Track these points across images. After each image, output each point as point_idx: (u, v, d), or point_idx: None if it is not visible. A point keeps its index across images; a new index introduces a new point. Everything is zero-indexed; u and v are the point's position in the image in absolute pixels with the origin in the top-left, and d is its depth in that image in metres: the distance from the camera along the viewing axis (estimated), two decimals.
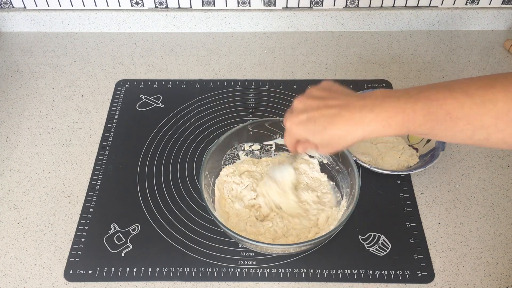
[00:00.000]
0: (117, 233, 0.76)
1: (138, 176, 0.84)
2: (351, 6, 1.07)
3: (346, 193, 0.75)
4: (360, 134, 0.51)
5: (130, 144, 0.89)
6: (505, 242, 0.75)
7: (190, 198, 0.81)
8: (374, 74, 1.01)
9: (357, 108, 0.51)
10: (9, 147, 0.89)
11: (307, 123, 0.55)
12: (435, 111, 0.48)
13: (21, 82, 1.01)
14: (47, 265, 0.73)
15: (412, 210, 0.78)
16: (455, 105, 0.47)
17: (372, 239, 0.75)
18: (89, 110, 0.95)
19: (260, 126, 0.81)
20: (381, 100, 0.50)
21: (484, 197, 0.80)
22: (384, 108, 0.49)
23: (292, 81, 1.00)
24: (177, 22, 1.10)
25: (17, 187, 0.83)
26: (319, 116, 0.53)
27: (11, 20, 1.10)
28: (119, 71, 1.03)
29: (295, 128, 0.56)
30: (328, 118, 0.52)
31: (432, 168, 0.84)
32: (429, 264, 0.72)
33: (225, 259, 0.73)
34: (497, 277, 0.71)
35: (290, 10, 1.08)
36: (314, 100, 0.55)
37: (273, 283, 0.71)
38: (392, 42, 1.08)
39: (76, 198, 0.81)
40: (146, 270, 0.72)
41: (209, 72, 1.02)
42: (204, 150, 0.87)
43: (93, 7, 1.08)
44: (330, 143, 0.54)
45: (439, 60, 1.04)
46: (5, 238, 0.76)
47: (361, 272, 0.71)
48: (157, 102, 0.96)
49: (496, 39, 1.08)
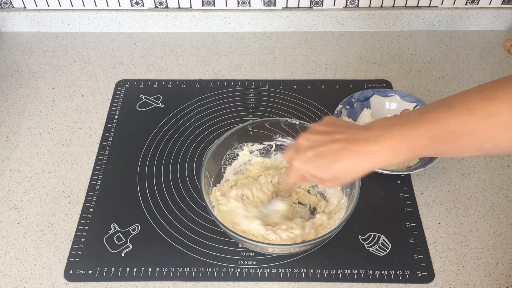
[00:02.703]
0: (117, 233, 0.76)
1: (138, 176, 0.84)
2: (351, 6, 1.07)
3: (346, 193, 0.75)
4: (369, 166, 0.52)
5: (130, 144, 0.89)
6: (505, 242, 0.75)
7: (190, 198, 0.81)
8: (374, 74, 1.01)
9: (362, 141, 0.52)
10: (9, 147, 0.89)
11: (315, 159, 0.55)
12: (439, 133, 0.47)
13: (21, 82, 1.01)
14: (47, 265, 0.73)
15: (412, 210, 0.78)
16: (458, 124, 0.46)
17: (372, 239, 0.75)
18: (89, 110, 0.95)
19: (260, 126, 0.81)
20: (384, 130, 0.51)
21: (484, 197, 0.80)
22: (388, 138, 0.50)
23: (292, 81, 1.00)
24: (177, 22, 1.10)
25: (17, 187, 0.83)
26: (326, 152, 0.54)
27: (11, 20, 1.10)
28: (119, 71, 1.03)
29: (303, 165, 0.57)
30: (336, 153, 0.53)
31: (432, 168, 0.84)
32: (429, 264, 0.72)
33: (225, 259, 0.73)
34: (497, 277, 0.71)
35: (290, 10, 1.08)
36: (319, 136, 0.56)
37: (273, 283, 0.71)
38: (392, 42, 1.08)
39: (76, 198, 0.81)
40: (146, 270, 0.72)
41: (209, 72, 1.02)
42: (204, 150, 0.87)
43: (93, 7, 1.08)
44: (338, 177, 0.55)
45: (439, 60, 1.04)
46: (5, 238, 0.76)
47: (361, 272, 0.71)
48: (157, 102, 0.96)
49: (496, 39, 1.08)
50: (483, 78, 0.99)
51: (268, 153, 0.84)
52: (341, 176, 0.55)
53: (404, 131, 0.49)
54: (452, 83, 0.99)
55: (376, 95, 0.91)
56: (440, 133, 0.47)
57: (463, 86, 0.98)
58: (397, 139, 0.49)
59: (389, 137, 0.50)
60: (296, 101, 0.95)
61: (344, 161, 0.53)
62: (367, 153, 0.51)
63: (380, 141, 0.50)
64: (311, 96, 0.96)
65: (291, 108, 0.94)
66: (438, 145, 0.48)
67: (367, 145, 0.51)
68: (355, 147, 0.52)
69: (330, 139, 0.54)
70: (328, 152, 0.54)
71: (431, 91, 0.97)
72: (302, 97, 0.96)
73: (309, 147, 0.56)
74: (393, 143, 0.50)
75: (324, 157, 0.54)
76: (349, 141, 0.53)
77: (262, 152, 0.84)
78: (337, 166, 0.53)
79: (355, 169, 0.53)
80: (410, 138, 0.49)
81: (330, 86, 0.98)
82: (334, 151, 0.53)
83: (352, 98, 0.90)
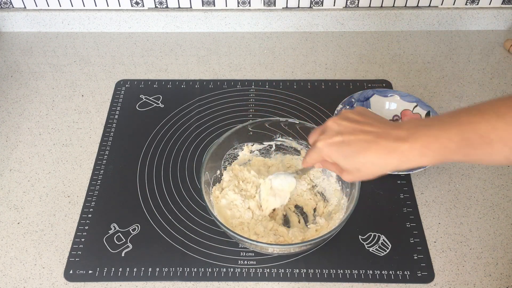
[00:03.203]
0: (117, 233, 0.76)
1: (138, 176, 0.84)
2: (351, 6, 1.07)
3: (346, 193, 0.75)
4: (395, 163, 0.51)
5: (130, 144, 0.89)
6: (505, 242, 0.75)
7: (190, 198, 0.81)
8: (374, 74, 1.01)
9: (392, 137, 0.51)
10: (9, 147, 0.89)
11: (341, 145, 0.54)
12: (469, 136, 0.47)
13: (21, 82, 1.01)
14: (47, 265, 0.73)
15: (412, 210, 0.78)
16: (488, 128, 0.46)
17: (372, 239, 0.75)
18: (89, 110, 0.95)
19: (260, 126, 0.81)
20: (415, 130, 0.50)
21: (484, 197, 0.80)
22: (418, 137, 0.50)
23: (292, 81, 1.00)
24: (177, 22, 1.10)
25: (17, 187, 0.83)
26: (354, 141, 0.53)
27: (11, 20, 1.10)
28: (119, 71, 1.03)
29: (327, 149, 0.56)
30: (364, 143, 0.52)
31: (432, 168, 0.84)
32: (429, 264, 0.72)
33: (225, 259, 0.73)
34: (497, 277, 0.71)
35: (290, 10, 1.08)
36: (350, 123, 0.55)
37: (273, 283, 0.71)
38: (392, 42, 1.08)
39: (76, 198, 0.81)
40: (146, 270, 0.72)
41: (209, 72, 1.02)
42: (204, 150, 0.87)
43: (93, 7, 1.08)
44: (360, 169, 0.54)
45: (439, 60, 1.04)
46: (5, 238, 0.76)
47: (361, 272, 0.71)
48: (157, 102, 0.96)
49: (496, 39, 1.08)
50: (483, 78, 0.99)
51: (268, 153, 0.84)
52: (363, 168, 0.53)
53: (435, 132, 0.49)
54: (452, 83, 0.99)
55: (376, 95, 0.91)
56: (470, 137, 0.47)
57: (463, 86, 0.98)
58: (427, 139, 0.49)
59: (419, 136, 0.50)
60: (296, 101, 0.95)
61: (371, 154, 0.52)
62: (396, 150, 0.50)
63: (410, 140, 0.50)
64: (311, 96, 0.96)
65: (291, 108, 0.94)
66: (467, 149, 0.48)
67: (397, 142, 0.51)
68: (385, 142, 0.51)
69: (361, 129, 0.54)
70: (357, 141, 0.53)
71: (431, 91, 0.97)
72: (302, 97, 0.96)
73: (337, 132, 0.55)
74: (423, 143, 0.49)
75: (351, 145, 0.53)
76: (379, 136, 0.52)
77: (262, 152, 0.84)
78: (363, 158, 0.52)
79: (380, 164, 0.52)
80: (440, 140, 0.49)
81: (330, 86, 0.98)
82: (362, 142, 0.52)
83: (352, 98, 0.90)
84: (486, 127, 0.46)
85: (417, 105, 0.89)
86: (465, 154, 0.48)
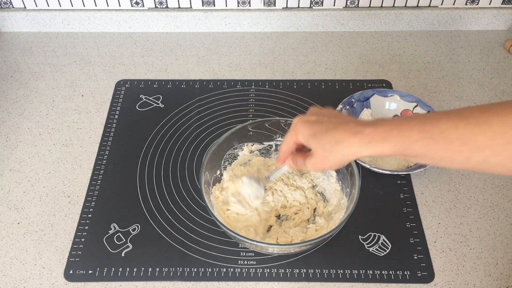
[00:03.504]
0: (117, 233, 0.76)
1: (138, 176, 0.84)
2: (351, 6, 1.07)
3: (346, 193, 0.75)
4: (357, 143, 0.54)
5: (130, 144, 0.89)
6: (505, 242, 0.75)
7: (190, 198, 0.81)
8: (374, 74, 1.01)
9: (360, 123, 0.56)
10: (9, 147, 0.89)
11: (314, 123, 0.59)
12: (430, 129, 0.50)
13: (21, 82, 1.01)
14: (47, 265, 0.73)
15: (412, 210, 0.78)
16: (449, 125, 0.48)
17: (372, 239, 0.75)
18: (89, 110, 0.95)
19: (260, 126, 0.81)
20: (380, 121, 0.55)
21: (484, 197, 0.80)
22: (382, 124, 0.54)
23: (292, 81, 1.00)
24: (177, 22, 1.10)
25: (17, 187, 0.83)
26: (327, 121, 0.58)
27: (11, 20, 1.10)
28: (119, 71, 1.03)
29: (300, 125, 0.60)
30: (335, 124, 0.57)
31: (432, 168, 0.84)
32: (429, 264, 0.72)
33: (225, 259, 0.73)
34: (497, 277, 0.71)
35: (290, 10, 1.08)
36: (327, 111, 0.61)
37: (273, 283, 0.71)
38: (392, 42, 1.08)
39: (76, 198, 0.81)
40: (146, 270, 0.72)
41: (209, 72, 1.02)
42: (204, 150, 0.87)
43: (93, 7, 1.08)
44: (324, 147, 0.57)
45: (439, 60, 1.04)
46: (5, 238, 0.76)
47: (361, 272, 0.71)
48: (157, 102, 0.96)
49: (496, 39, 1.08)
50: (483, 78, 0.99)
51: (268, 153, 0.84)
52: (327, 147, 0.56)
53: (399, 121, 0.53)
54: (452, 83, 0.99)
55: (376, 95, 0.91)
56: (430, 129, 0.49)
57: (463, 86, 0.98)
58: (390, 125, 0.53)
59: (384, 124, 0.54)
60: (296, 101, 0.95)
61: (337, 132, 0.56)
62: (361, 132, 0.54)
63: (375, 126, 0.54)
64: (311, 96, 0.96)
65: (291, 108, 0.94)
66: (427, 141, 0.50)
67: (363, 126, 0.55)
68: (353, 125, 0.56)
69: (335, 115, 0.60)
70: (329, 122, 0.58)
71: (431, 91, 0.97)
72: (302, 97, 0.96)
73: (314, 113, 0.61)
74: (385, 128, 0.53)
75: (323, 123, 0.58)
76: (350, 120, 0.58)
77: (262, 152, 0.84)
78: (330, 135, 0.56)
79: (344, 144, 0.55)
80: (401, 127, 0.52)
81: (330, 86, 0.98)
82: (334, 123, 0.57)
83: (352, 98, 0.90)
84: (447, 124, 0.48)
85: (417, 105, 0.89)
86: (425, 145, 0.50)
